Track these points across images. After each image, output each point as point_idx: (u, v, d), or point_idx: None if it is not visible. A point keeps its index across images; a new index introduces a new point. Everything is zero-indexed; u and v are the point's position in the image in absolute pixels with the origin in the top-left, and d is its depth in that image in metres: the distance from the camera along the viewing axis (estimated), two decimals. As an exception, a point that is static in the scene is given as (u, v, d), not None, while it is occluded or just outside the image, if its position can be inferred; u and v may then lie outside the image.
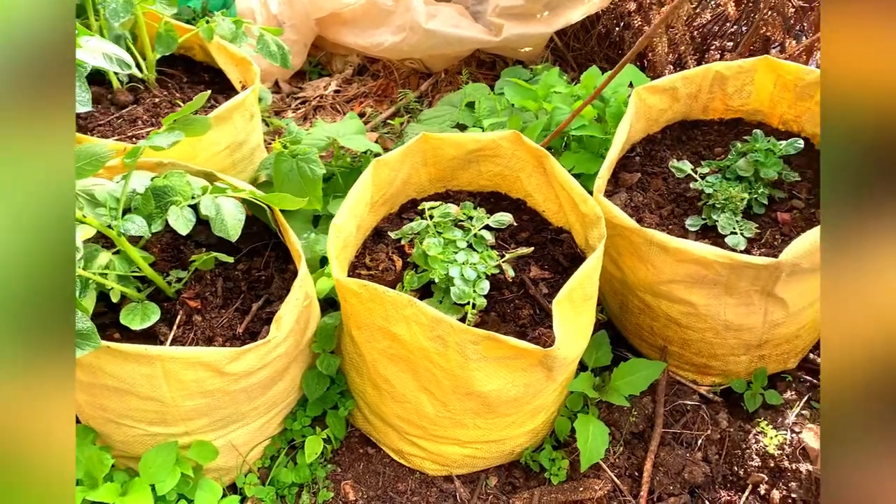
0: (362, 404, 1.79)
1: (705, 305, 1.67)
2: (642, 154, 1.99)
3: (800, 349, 1.85)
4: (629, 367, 1.77)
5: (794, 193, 1.82)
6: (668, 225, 1.80)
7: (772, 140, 1.80)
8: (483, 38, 2.77)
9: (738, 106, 2.00)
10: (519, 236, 1.84)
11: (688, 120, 2.05)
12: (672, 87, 1.90)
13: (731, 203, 1.73)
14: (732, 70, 1.91)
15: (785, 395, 1.86)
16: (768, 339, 1.74)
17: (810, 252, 1.50)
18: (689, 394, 1.88)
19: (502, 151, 1.83)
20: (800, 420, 1.78)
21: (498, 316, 1.66)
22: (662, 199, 1.87)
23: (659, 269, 1.65)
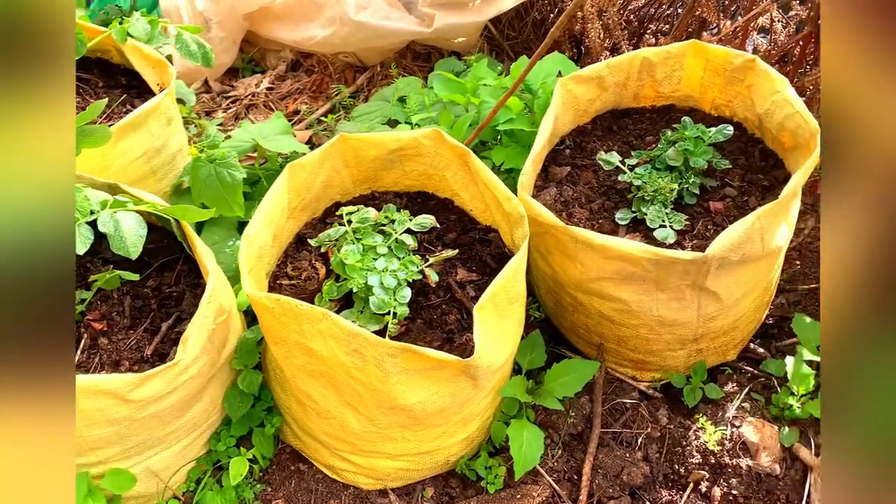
0: (290, 420, 1.71)
1: (636, 302, 1.62)
2: (572, 146, 1.93)
3: (738, 340, 1.81)
4: (562, 368, 1.71)
5: (726, 181, 1.77)
6: (599, 219, 1.74)
7: (701, 127, 1.75)
8: (414, 30, 2.69)
9: (669, 92, 1.95)
10: (446, 237, 1.77)
11: (618, 109, 1.99)
12: (598, 75, 1.84)
13: (660, 195, 1.68)
14: (660, 56, 1.86)
15: (726, 387, 1.82)
16: (704, 333, 1.70)
17: (738, 244, 1.46)
18: (628, 391, 1.83)
19: (425, 150, 1.75)
20: (740, 413, 1.74)
21: (424, 323, 1.59)
22: (593, 192, 1.81)
23: (587, 266, 1.59)
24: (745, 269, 1.57)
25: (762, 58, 2.36)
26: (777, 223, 1.52)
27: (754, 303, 1.71)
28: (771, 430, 1.69)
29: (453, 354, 1.46)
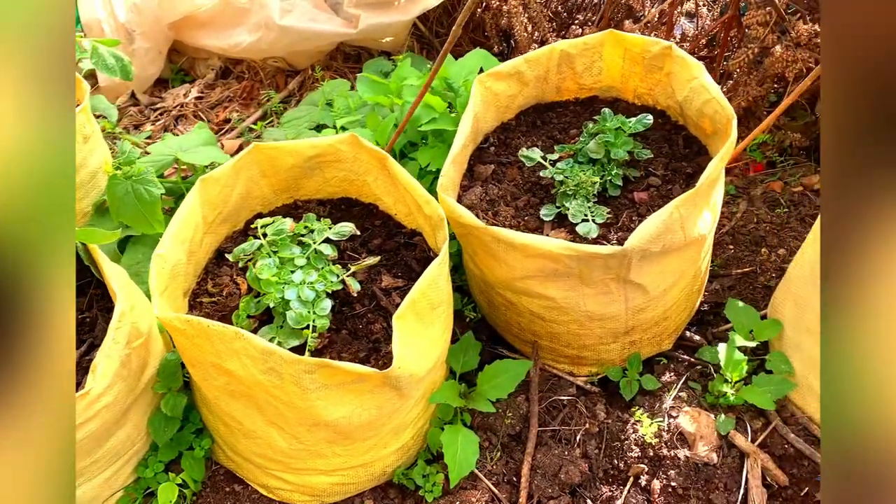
0: (220, 441, 1.66)
1: (563, 298, 1.60)
2: (497, 144, 1.90)
3: (672, 330, 1.80)
4: (495, 369, 1.69)
5: (650, 171, 1.76)
6: (525, 216, 1.72)
7: (621, 118, 1.73)
8: (340, 31, 2.64)
9: (591, 84, 1.93)
10: (371, 243, 1.73)
11: (542, 103, 1.97)
12: (517, 71, 1.81)
13: (582, 189, 1.66)
14: (578, 48, 1.84)
15: (663, 377, 1.81)
16: (635, 325, 1.68)
17: (657, 236, 1.44)
18: (566, 387, 1.81)
19: (343, 156, 1.71)
20: (677, 403, 1.73)
21: (349, 333, 1.55)
22: (518, 189, 1.79)
23: (511, 266, 1.57)
24: (670, 259, 1.56)
25: (690, 42, 2.36)
26: (697, 211, 1.51)
27: (683, 292, 1.71)
28: (707, 419, 1.68)
29: (379, 364, 1.43)
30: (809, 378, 1.66)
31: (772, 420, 1.70)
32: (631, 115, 1.84)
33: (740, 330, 1.76)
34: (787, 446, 1.66)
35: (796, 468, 1.64)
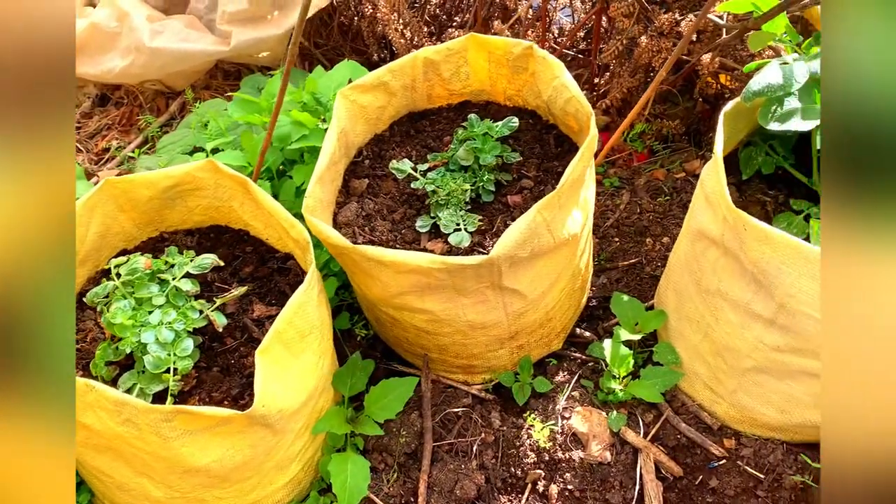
0: (98, 494, 1.57)
1: (443, 310, 1.57)
2: (371, 156, 1.85)
3: (559, 330, 1.79)
4: (381, 390, 1.64)
5: (522, 173, 1.74)
6: (402, 229, 1.68)
7: (488, 123, 1.71)
8: (213, 50, 2.55)
9: (461, 89, 1.90)
10: (243, 272, 1.66)
11: (415, 111, 1.93)
12: (381, 82, 1.77)
13: (453, 197, 1.63)
14: (442, 54, 1.81)
15: (556, 377, 1.80)
16: (518, 330, 1.66)
17: (523, 241, 1.42)
18: (461, 397, 1.78)
19: (203, 183, 1.64)
20: (570, 403, 1.72)
21: (220, 370, 1.48)
22: (395, 202, 1.75)
23: (385, 283, 1.52)
24: (543, 262, 1.54)
25: (566, 37, 2.36)
26: (563, 212, 1.50)
27: (564, 291, 1.69)
28: (599, 417, 1.68)
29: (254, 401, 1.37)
30: (695, 366, 1.67)
31: (663, 411, 1.70)
32: (503, 117, 1.82)
33: (626, 323, 1.76)
34: (680, 436, 1.67)
35: (690, 457, 1.65)
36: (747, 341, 1.47)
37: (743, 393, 1.58)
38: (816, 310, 1.29)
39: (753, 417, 1.60)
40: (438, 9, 2.69)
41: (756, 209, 1.55)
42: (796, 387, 1.48)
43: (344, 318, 1.91)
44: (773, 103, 1.37)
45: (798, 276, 1.27)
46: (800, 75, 1.34)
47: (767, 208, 1.55)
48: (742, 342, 1.48)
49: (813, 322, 1.31)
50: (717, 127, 1.44)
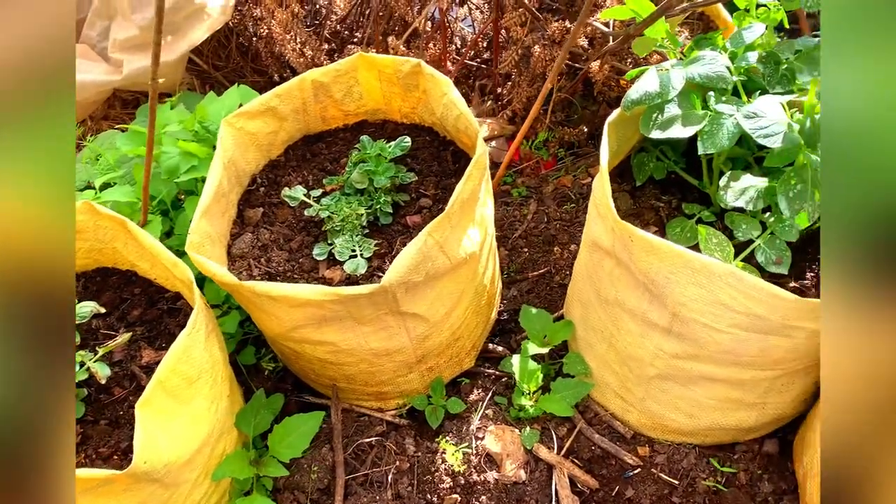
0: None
1: (343, 340, 1.52)
2: (266, 184, 1.79)
3: (469, 348, 1.76)
4: (284, 428, 1.59)
5: (421, 192, 1.71)
6: (300, 258, 1.63)
7: (381, 144, 1.67)
8: (105, 80, 2.45)
9: (355, 109, 1.86)
10: (131, 315, 1.58)
11: (310, 134, 1.88)
12: (269, 107, 1.72)
13: (349, 223, 1.58)
14: (330, 75, 1.76)
15: (470, 396, 1.77)
16: (425, 353, 1.63)
17: (415, 266, 1.38)
18: (374, 425, 1.74)
19: (82, 226, 1.56)
20: (484, 423, 1.70)
21: (108, 423, 1.41)
22: (291, 230, 1.69)
23: (280, 317, 1.47)
24: (442, 282, 1.51)
25: (469, 47, 2.34)
26: (457, 233, 1.47)
27: (469, 309, 1.67)
28: (512, 435, 1.65)
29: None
30: (605, 375, 1.66)
31: (577, 423, 1.69)
32: (400, 135, 1.79)
33: (534, 337, 1.74)
34: (594, 447, 1.66)
35: (605, 468, 1.64)
36: (648, 350, 1.46)
37: (651, 400, 1.57)
38: (706, 317, 1.29)
39: (664, 424, 1.60)
40: (339, 25, 2.64)
41: (650, 215, 1.55)
42: (700, 392, 1.48)
43: (249, 352, 1.85)
44: (653, 111, 1.37)
45: (686, 285, 1.27)
46: (676, 82, 1.34)
47: (661, 214, 1.55)
48: (643, 351, 1.48)
49: (705, 329, 1.31)
50: (603, 138, 1.43)
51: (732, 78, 1.36)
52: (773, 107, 1.28)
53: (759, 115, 1.27)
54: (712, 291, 1.25)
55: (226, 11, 2.41)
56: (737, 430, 1.57)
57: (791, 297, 1.19)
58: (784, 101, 1.34)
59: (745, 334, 1.28)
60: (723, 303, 1.25)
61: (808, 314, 1.21)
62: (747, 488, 1.57)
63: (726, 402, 1.49)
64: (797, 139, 1.24)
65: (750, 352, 1.32)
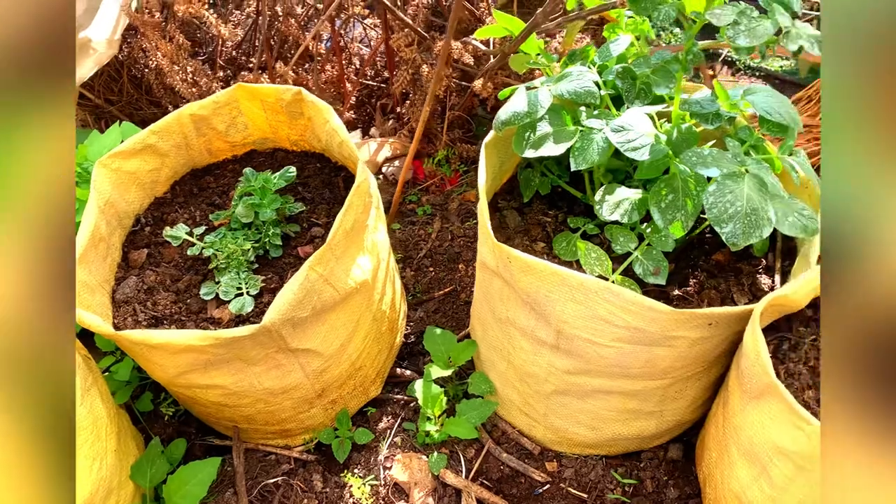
0: None
1: (234, 382, 1.47)
2: (152, 223, 1.73)
3: (373, 377, 1.73)
4: (181, 477, 1.53)
5: (313, 221, 1.68)
6: (187, 299, 1.57)
7: (265, 175, 1.63)
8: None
9: (242, 140, 1.82)
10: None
11: (198, 168, 1.83)
12: (146, 145, 1.66)
13: (234, 260, 1.54)
14: (209, 108, 1.72)
15: (379, 424, 1.74)
16: (325, 387, 1.59)
17: (298, 302, 1.35)
18: (281, 463, 1.69)
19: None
20: (392, 451, 1.67)
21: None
22: (178, 270, 1.64)
23: (163, 365, 1.42)
24: (334, 315, 1.48)
25: (364, 68, 2.32)
26: (343, 264, 1.44)
27: (369, 338, 1.64)
28: (420, 463, 1.63)
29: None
30: (508, 393, 1.65)
31: (484, 443, 1.68)
32: (291, 163, 1.75)
33: (438, 359, 1.73)
34: (503, 467, 1.65)
35: (515, 487, 1.63)
36: (541, 367, 1.46)
37: (553, 415, 1.57)
38: (588, 333, 1.28)
39: (568, 437, 1.60)
40: (236, 51, 2.59)
41: (538, 231, 1.55)
42: (598, 404, 1.48)
43: (146, 398, 1.78)
44: (525, 130, 1.37)
45: (565, 303, 1.26)
46: (544, 100, 1.34)
47: (548, 229, 1.55)
48: (538, 368, 1.47)
49: (589, 344, 1.31)
50: (480, 160, 1.42)
51: (600, 92, 1.37)
52: (641, 119, 1.29)
53: (626, 129, 1.27)
54: (591, 308, 1.25)
55: (112, 45, 2.34)
56: (639, 439, 1.57)
57: (667, 308, 1.19)
58: (653, 112, 1.35)
59: (629, 347, 1.29)
60: (602, 318, 1.25)
61: (686, 324, 1.22)
62: (654, 496, 1.58)
63: (625, 413, 1.50)
64: (664, 150, 1.25)
65: (636, 363, 1.33)
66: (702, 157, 1.17)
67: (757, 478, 1.20)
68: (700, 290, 1.39)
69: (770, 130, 1.27)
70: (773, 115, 1.24)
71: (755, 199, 1.12)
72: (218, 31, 2.02)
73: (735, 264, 1.44)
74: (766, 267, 1.43)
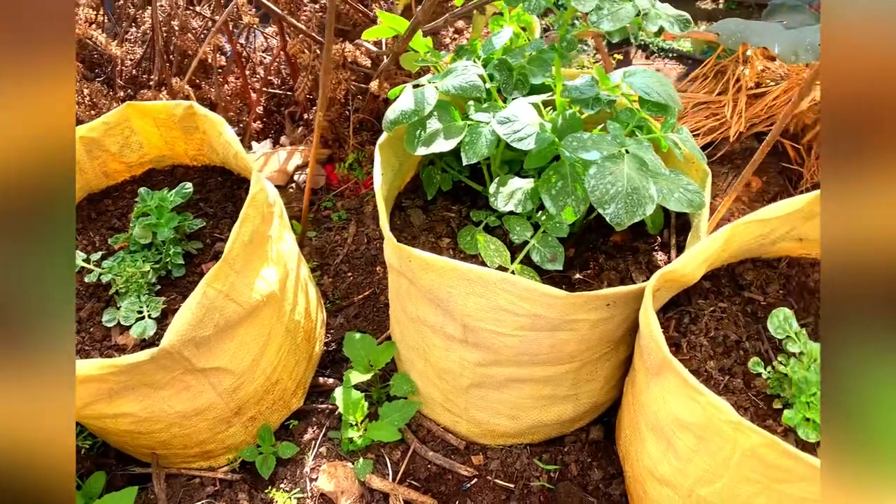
0: None
1: (144, 409, 1.43)
2: (49, 252, 1.67)
3: (293, 389, 1.71)
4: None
5: (216, 237, 1.64)
6: (90, 328, 1.52)
7: (161, 194, 1.59)
8: None
9: (138, 159, 1.77)
10: None
11: (94, 192, 1.77)
12: (34, 172, 1.60)
13: (133, 283, 1.50)
14: (99, 130, 1.66)
15: (304, 436, 1.72)
16: (241, 405, 1.56)
17: (199, 321, 1.32)
18: (206, 486, 1.65)
19: None
20: (318, 462, 1.65)
21: None
22: (80, 297, 1.58)
23: (65, 398, 1.36)
24: (241, 330, 1.45)
25: (266, 77, 2.28)
26: (245, 277, 1.41)
27: (284, 350, 1.61)
28: (345, 471, 1.61)
29: None
30: (430, 391, 1.65)
31: (410, 444, 1.67)
32: (191, 178, 1.72)
33: (359, 364, 1.71)
34: (430, 465, 1.64)
35: (443, 485, 1.63)
36: (455, 362, 1.46)
37: (474, 409, 1.57)
38: (492, 324, 1.29)
39: (491, 429, 1.61)
40: (135, 69, 2.52)
41: (443, 227, 1.55)
42: (514, 394, 1.49)
43: (59, 434, 1.72)
44: (415, 128, 1.37)
45: (466, 297, 1.27)
46: (430, 97, 1.34)
47: (452, 225, 1.55)
48: (452, 363, 1.47)
49: (494, 335, 1.32)
50: (375, 161, 1.41)
51: (486, 86, 1.38)
52: (526, 110, 1.30)
53: (511, 120, 1.28)
54: (491, 299, 1.25)
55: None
56: (560, 424, 1.59)
57: (562, 293, 1.21)
58: (539, 102, 1.36)
59: (532, 334, 1.30)
60: (503, 308, 1.26)
61: (583, 306, 1.24)
62: (579, 479, 1.60)
63: (541, 400, 1.51)
64: (549, 138, 1.26)
65: (542, 350, 1.34)
66: (582, 142, 1.18)
67: (665, 452, 1.22)
68: (600, 271, 1.41)
69: (650, 110, 1.29)
70: (651, 94, 1.26)
71: (636, 179, 1.14)
72: (109, 51, 1.96)
73: (632, 244, 1.46)
74: (661, 244, 1.46)
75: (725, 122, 2.14)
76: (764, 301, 1.35)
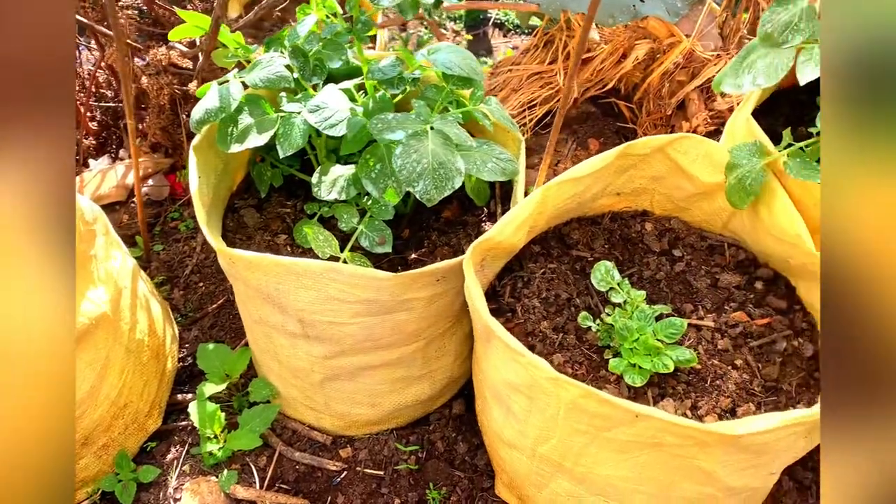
0: None
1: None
2: None
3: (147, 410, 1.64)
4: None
5: None
6: None
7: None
8: None
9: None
10: None
11: None
12: None
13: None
14: None
15: (166, 457, 1.65)
16: (88, 434, 1.49)
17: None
18: (64, 525, 1.56)
19: None
20: (181, 481, 1.59)
21: None
22: None
23: None
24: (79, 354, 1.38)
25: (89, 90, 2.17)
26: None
27: (128, 372, 1.54)
28: (209, 485, 1.56)
29: None
30: (290, 391, 1.62)
31: (275, 447, 1.64)
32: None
33: (214, 375, 1.66)
34: (298, 466, 1.62)
35: (314, 483, 1.61)
36: (303, 358, 1.44)
37: (334, 402, 1.56)
38: (328, 315, 1.28)
39: (354, 420, 1.60)
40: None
41: (278, 224, 1.52)
42: (368, 381, 1.49)
43: None
44: (226, 125, 1.33)
45: (297, 290, 1.25)
46: (235, 93, 1.31)
47: (288, 220, 1.53)
48: (300, 360, 1.45)
49: (332, 326, 1.31)
50: (189, 164, 1.37)
51: (293, 76, 1.36)
52: (335, 96, 1.29)
53: (321, 108, 1.27)
54: (322, 290, 1.24)
55: None
56: (421, 404, 1.60)
57: (388, 275, 1.21)
58: (351, 86, 1.35)
59: (370, 319, 1.30)
60: (335, 298, 1.25)
61: (412, 285, 1.24)
62: (446, 455, 1.62)
63: (397, 383, 1.51)
64: (361, 122, 1.26)
65: (384, 333, 1.34)
66: (387, 123, 1.18)
67: (507, 416, 1.25)
68: (434, 249, 1.43)
69: (455, 84, 1.31)
70: (454, 69, 1.28)
71: (441, 154, 1.15)
72: None
73: (462, 217, 1.48)
74: (489, 214, 1.49)
75: (560, 89, 2.20)
76: (591, 257, 1.39)
